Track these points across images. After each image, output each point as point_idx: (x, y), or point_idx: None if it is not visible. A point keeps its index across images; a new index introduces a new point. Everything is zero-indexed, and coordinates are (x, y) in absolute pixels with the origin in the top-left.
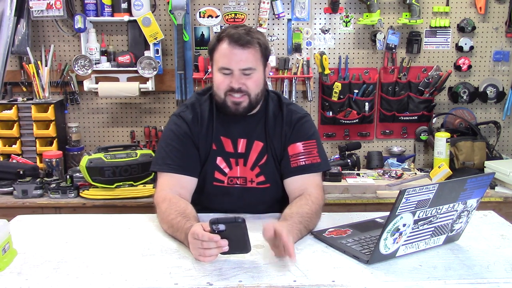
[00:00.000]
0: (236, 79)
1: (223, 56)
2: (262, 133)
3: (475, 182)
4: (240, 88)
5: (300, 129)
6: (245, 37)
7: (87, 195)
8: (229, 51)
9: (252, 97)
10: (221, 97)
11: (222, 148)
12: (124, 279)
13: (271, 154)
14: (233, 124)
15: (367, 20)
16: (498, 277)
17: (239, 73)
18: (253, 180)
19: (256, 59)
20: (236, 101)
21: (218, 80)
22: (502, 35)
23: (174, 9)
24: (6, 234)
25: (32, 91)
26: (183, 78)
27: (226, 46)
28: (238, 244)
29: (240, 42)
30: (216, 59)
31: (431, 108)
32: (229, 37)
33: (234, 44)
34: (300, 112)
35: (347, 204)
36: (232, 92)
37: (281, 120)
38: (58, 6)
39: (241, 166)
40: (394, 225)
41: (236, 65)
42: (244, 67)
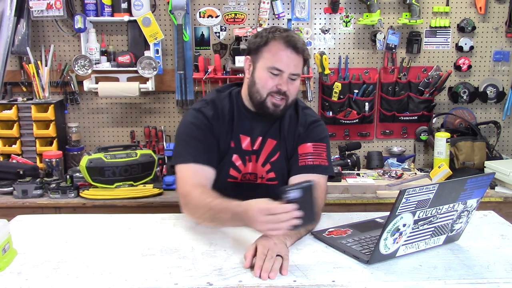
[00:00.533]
0: (284, 82)
1: (277, 57)
2: (276, 131)
3: (475, 182)
4: (285, 91)
5: (312, 131)
6: (300, 45)
7: (87, 195)
8: (285, 53)
9: (289, 101)
10: (262, 96)
11: (239, 145)
12: (124, 279)
13: (283, 152)
14: (254, 123)
15: (367, 20)
16: (498, 277)
17: (287, 77)
18: (263, 176)
19: (302, 66)
20: (277, 103)
21: (264, 78)
22: (502, 35)
23: (174, 9)
24: (6, 234)
25: (32, 91)
26: (183, 78)
27: (283, 48)
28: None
29: (297, 48)
30: (265, 57)
31: (431, 108)
32: (286, 40)
33: (291, 48)
34: (315, 117)
35: (347, 204)
36: (276, 94)
37: (296, 122)
38: (58, 6)
39: (253, 162)
40: (394, 225)
41: (289, 68)
42: (294, 72)
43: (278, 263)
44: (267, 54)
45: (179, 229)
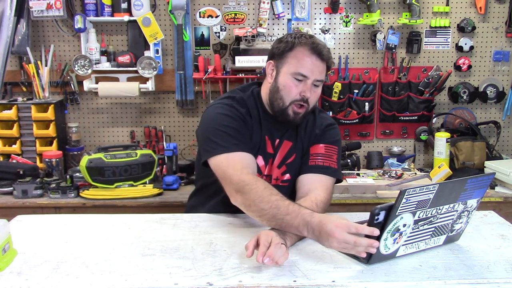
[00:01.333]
0: (308, 89)
1: (303, 62)
2: (292, 133)
3: (475, 183)
4: (308, 98)
5: (326, 133)
6: (326, 52)
7: (87, 195)
8: (310, 59)
9: (309, 109)
10: (285, 103)
11: (264, 147)
12: (124, 279)
13: (299, 154)
14: (274, 125)
15: (367, 20)
16: (498, 277)
17: (311, 83)
18: (278, 178)
19: (325, 74)
20: (297, 111)
21: (289, 86)
22: (502, 35)
23: (174, 9)
24: (6, 234)
25: (32, 91)
26: (183, 78)
27: (308, 54)
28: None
29: (322, 55)
30: (290, 62)
31: (431, 108)
32: (312, 47)
33: (316, 55)
34: (330, 120)
35: (347, 204)
36: (299, 102)
37: (313, 125)
38: (58, 6)
39: (270, 164)
40: (394, 226)
41: (313, 75)
42: (319, 79)
43: (282, 251)
44: (292, 60)
45: (179, 229)
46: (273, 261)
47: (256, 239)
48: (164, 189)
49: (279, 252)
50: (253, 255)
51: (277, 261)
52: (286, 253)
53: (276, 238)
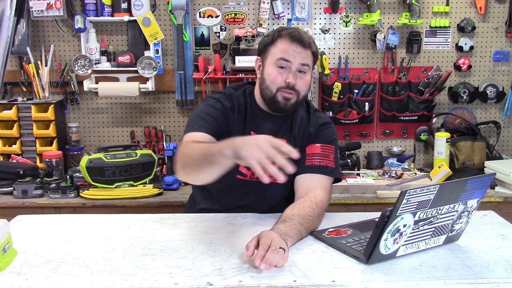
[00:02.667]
0: (293, 75)
1: (283, 50)
2: (287, 130)
3: (476, 183)
4: (294, 85)
5: (323, 133)
6: (308, 39)
7: (87, 195)
8: (290, 46)
9: (300, 97)
10: (272, 91)
11: None
12: (124, 279)
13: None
14: (264, 121)
15: (367, 20)
16: (498, 277)
17: (296, 69)
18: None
19: (311, 61)
20: (287, 97)
21: (273, 74)
22: (502, 35)
23: (174, 9)
24: (6, 234)
25: (32, 91)
26: (183, 78)
27: (288, 42)
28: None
29: (302, 42)
30: (273, 53)
31: (431, 108)
32: (291, 36)
33: (296, 42)
34: (325, 119)
35: (347, 204)
36: (285, 89)
37: (307, 123)
38: (58, 6)
39: None
40: (395, 226)
41: (296, 59)
42: (304, 63)
43: (280, 256)
44: (274, 50)
45: (179, 229)
46: (270, 265)
47: (257, 239)
48: (164, 189)
49: (277, 257)
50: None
51: (276, 265)
52: (286, 256)
53: (275, 241)
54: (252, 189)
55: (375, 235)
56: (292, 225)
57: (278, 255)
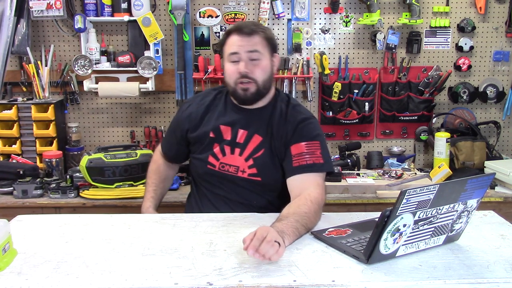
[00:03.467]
0: (243, 64)
1: (231, 44)
2: (263, 128)
3: (475, 183)
4: (247, 73)
5: (303, 130)
6: (250, 26)
7: (87, 195)
8: (237, 39)
9: (260, 84)
10: (231, 86)
11: (220, 136)
12: (124, 279)
13: (269, 150)
14: (235, 114)
15: (367, 20)
16: (498, 277)
17: (247, 58)
18: (244, 170)
19: (262, 46)
20: (244, 87)
21: (228, 69)
22: (502, 35)
23: (174, 9)
24: (6, 234)
25: (32, 91)
26: (183, 78)
27: (235, 36)
28: None
29: (246, 30)
30: (225, 51)
31: (431, 108)
32: (237, 29)
33: (241, 33)
34: (305, 114)
35: (347, 204)
36: (242, 79)
37: (285, 119)
38: (58, 6)
39: (236, 155)
40: (395, 226)
41: (242, 48)
42: (250, 49)
43: (274, 249)
44: (226, 48)
45: (179, 229)
46: (264, 257)
47: (254, 233)
48: None
49: (271, 250)
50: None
51: (270, 258)
52: (281, 251)
53: (271, 234)
54: (225, 181)
55: (375, 235)
56: (289, 223)
57: (273, 248)
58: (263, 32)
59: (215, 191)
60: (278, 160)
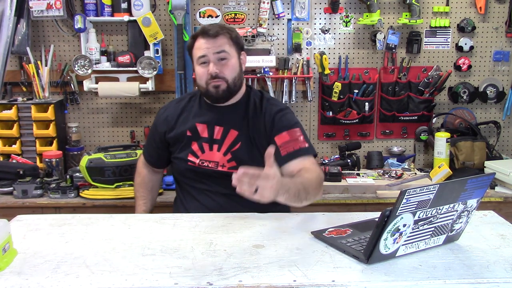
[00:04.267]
0: (212, 65)
1: (198, 48)
2: (238, 123)
3: (475, 183)
4: (217, 73)
5: (282, 120)
6: (214, 28)
7: (87, 195)
8: (203, 41)
9: (230, 82)
10: (203, 87)
11: (197, 134)
12: (124, 279)
13: (246, 143)
14: (210, 113)
15: (367, 20)
16: (498, 277)
17: (215, 59)
18: (224, 164)
19: (229, 45)
20: (215, 85)
21: (199, 72)
22: (502, 35)
23: (174, 9)
24: (6, 234)
25: (32, 91)
26: (183, 78)
27: (201, 39)
28: None
29: (210, 32)
30: (194, 54)
31: (431, 108)
32: (201, 33)
33: (206, 35)
34: (280, 106)
35: (347, 204)
36: (212, 80)
37: (261, 112)
38: (58, 6)
39: (214, 151)
40: (394, 226)
41: (209, 50)
42: (217, 51)
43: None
44: (194, 52)
45: (179, 229)
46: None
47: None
48: (164, 189)
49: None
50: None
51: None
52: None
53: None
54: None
55: (375, 235)
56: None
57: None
58: (228, 33)
59: (197, 185)
60: (258, 151)
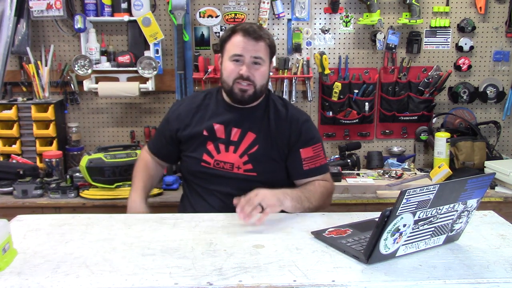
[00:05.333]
0: (246, 68)
1: (236, 45)
2: (256, 126)
3: (475, 183)
4: (248, 76)
5: (308, 132)
6: (258, 31)
7: (87, 195)
8: (242, 41)
9: (258, 87)
10: (229, 84)
11: (213, 134)
12: (124, 279)
13: (264, 146)
14: (228, 114)
15: (367, 20)
16: (498, 277)
17: (249, 62)
18: (240, 166)
19: (265, 53)
20: (243, 89)
21: (229, 68)
22: (502, 35)
23: (174, 9)
24: (6, 234)
25: (32, 91)
26: (183, 78)
27: (240, 37)
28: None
29: (254, 35)
30: (228, 49)
31: (431, 108)
32: (243, 30)
33: (248, 36)
34: (304, 115)
35: (347, 204)
36: (240, 80)
37: (286, 119)
38: (58, 6)
39: (230, 152)
40: (394, 226)
41: (248, 53)
42: (255, 55)
43: (256, 211)
44: (229, 46)
45: (179, 229)
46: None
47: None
48: (164, 189)
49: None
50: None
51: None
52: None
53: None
54: (220, 178)
55: (375, 235)
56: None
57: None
58: (268, 39)
59: (207, 186)
60: (277, 155)
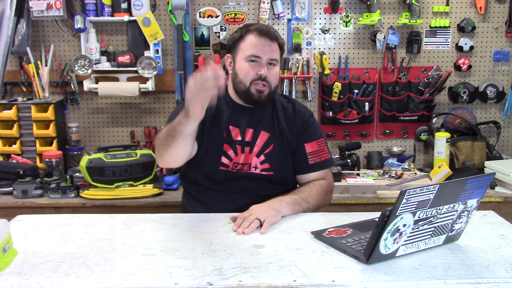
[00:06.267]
0: (263, 68)
1: (253, 45)
2: (268, 124)
3: (475, 183)
4: (266, 77)
5: (312, 128)
6: (273, 32)
7: (87, 195)
8: (259, 41)
9: (272, 88)
10: (246, 85)
11: (230, 136)
12: (124, 279)
13: (279, 144)
14: (241, 115)
15: (367, 20)
16: (498, 277)
17: (266, 63)
18: (257, 166)
19: (278, 53)
20: (260, 89)
21: (245, 68)
22: (502, 35)
23: (174, 9)
24: (6, 234)
25: (32, 91)
26: (183, 78)
27: (256, 37)
28: None
29: (270, 35)
30: (243, 49)
31: (431, 108)
32: (259, 30)
33: (263, 36)
34: (308, 110)
35: (347, 204)
36: (258, 81)
37: (294, 114)
38: (58, 6)
39: (246, 153)
40: (394, 226)
41: (265, 54)
42: (272, 57)
43: (255, 224)
44: (244, 46)
45: (179, 229)
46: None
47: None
48: (164, 189)
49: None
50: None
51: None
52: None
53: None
54: (238, 179)
55: (375, 235)
56: (288, 195)
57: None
58: (281, 41)
59: (224, 188)
60: (289, 153)
